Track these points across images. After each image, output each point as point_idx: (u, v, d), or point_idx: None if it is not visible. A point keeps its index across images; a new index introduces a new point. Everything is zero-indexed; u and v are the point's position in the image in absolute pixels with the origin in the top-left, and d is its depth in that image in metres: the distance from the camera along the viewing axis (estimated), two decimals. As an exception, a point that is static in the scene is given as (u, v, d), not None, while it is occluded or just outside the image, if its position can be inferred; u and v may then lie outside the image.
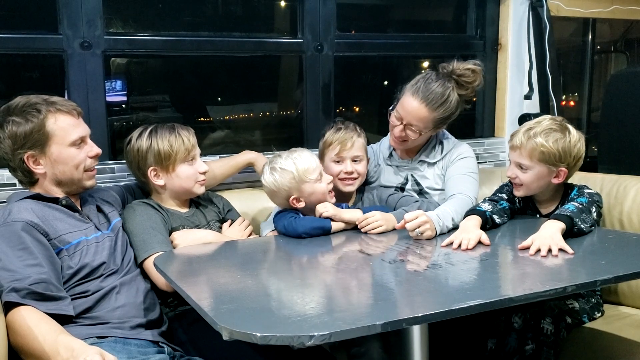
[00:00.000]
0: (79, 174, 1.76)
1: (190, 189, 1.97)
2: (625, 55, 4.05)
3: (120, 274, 1.74)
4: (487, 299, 1.25)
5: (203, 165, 1.98)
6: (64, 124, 1.71)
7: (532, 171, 1.96)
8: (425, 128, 2.08)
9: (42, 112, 1.69)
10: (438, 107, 2.04)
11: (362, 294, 1.42)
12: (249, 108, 2.91)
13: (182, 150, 1.91)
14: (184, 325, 1.80)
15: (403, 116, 2.07)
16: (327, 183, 1.99)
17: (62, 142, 1.71)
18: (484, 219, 1.88)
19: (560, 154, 1.92)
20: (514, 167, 2.00)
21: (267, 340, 1.10)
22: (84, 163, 1.76)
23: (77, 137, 1.74)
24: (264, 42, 2.54)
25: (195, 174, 1.96)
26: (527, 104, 2.86)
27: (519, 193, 2.03)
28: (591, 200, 1.90)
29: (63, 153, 1.72)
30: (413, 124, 2.06)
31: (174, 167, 1.92)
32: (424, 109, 2.03)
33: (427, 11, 3.12)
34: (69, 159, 1.73)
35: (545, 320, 1.85)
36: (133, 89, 2.61)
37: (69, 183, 1.77)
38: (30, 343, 1.41)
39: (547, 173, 1.96)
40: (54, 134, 1.70)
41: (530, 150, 1.93)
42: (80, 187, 1.80)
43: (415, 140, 2.12)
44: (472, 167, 2.16)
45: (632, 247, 1.71)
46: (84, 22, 2.15)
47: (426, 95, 2.03)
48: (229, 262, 1.77)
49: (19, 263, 1.53)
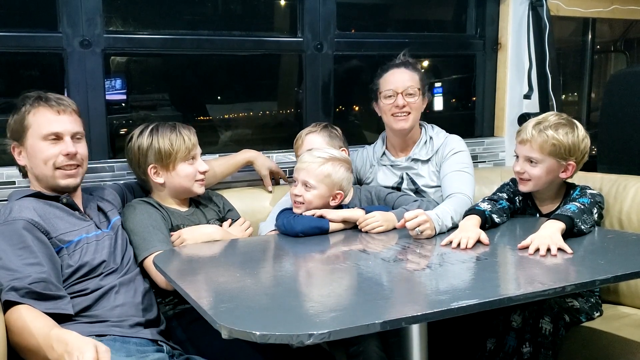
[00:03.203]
0: (49, 170, 1.73)
1: (189, 188, 1.96)
2: (625, 55, 4.05)
3: (120, 273, 1.74)
4: (486, 298, 1.25)
5: (203, 165, 1.97)
6: (41, 117, 1.72)
7: (541, 165, 1.95)
8: (418, 88, 2.18)
9: (26, 105, 1.72)
10: (414, 69, 2.22)
11: (361, 292, 1.42)
12: (249, 107, 2.91)
13: (182, 149, 1.91)
14: (183, 324, 1.80)
15: (396, 88, 2.16)
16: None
17: (35, 135, 1.72)
18: (483, 218, 1.88)
19: (570, 147, 1.93)
20: (522, 162, 1.99)
21: (266, 339, 1.10)
22: (53, 159, 1.72)
23: (50, 132, 1.72)
24: (264, 41, 2.54)
25: (195, 173, 1.95)
26: (526, 104, 2.86)
27: (526, 188, 2.01)
28: (593, 201, 1.90)
29: (34, 146, 1.72)
30: (409, 87, 2.15)
31: (174, 166, 1.92)
32: (409, 72, 2.20)
33: (427, 10, 3.12)
34: (38, 153, 1.72)
35: (544, 320, 1.85)
36: (133, 88, 2.60)
37: (43, 179, 1.75)
38: (26, 340, 1.41)
39: (557, 167, 1.96)
40: (30, 126, 1.72)
41: (542, 143, 1.93)
42: (56, 186, 1.75)
43: (417, 105, 2.18)
44: (466, 161, 2.18)
45: (631, 246, 1.71)
46: (83, 21, 2.14)
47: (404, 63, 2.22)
48: (229, 261, 1.77)
49: (19, 262, 1.53)
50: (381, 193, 2.16)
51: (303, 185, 2.00)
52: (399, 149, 2.28)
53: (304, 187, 1.99)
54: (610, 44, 4.07)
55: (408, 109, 2.16)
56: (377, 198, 2.14)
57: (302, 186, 2.00)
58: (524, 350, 1.84)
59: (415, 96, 2.17)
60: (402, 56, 2.25)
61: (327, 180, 1.98)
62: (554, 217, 1.77)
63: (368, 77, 2.35)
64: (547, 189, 2.03)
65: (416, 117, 2.21)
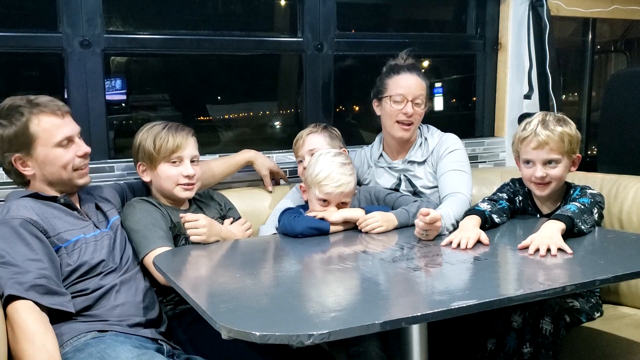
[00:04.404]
0: (68, 173, 1.73)
1: (170, 191, 1.92)
2: (625, 55, 4.05)
3: (120, 272, 1.74)
4: (486, 298, 1.25)
5: (188, 169, 1.91)
6: (47, 125, 1.69)
7: (561, 164, 1.95)
8: (425, 99, 2.18)
9: (24, 115, 1.68)
10: (423, 77, 2.19)
11: (362, 293, 1.42)
12: (249, 107, 2.91)
13: (164, 149, 1.88)
14: (183, 325, 1.80)
15: (407, 94, 2.13)
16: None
17: (47, 144, 1.70)
18: (483, 218, 1.88)
19: (578, 138, 1.97)
20: (542, 166, 1.96)
21: (266, 340, 1.09)
22: (72, 163, 1.73)
23: (63, 138, 1.71)
24: (264, 41, 2.54)
25: (178, 177, 1.90)
26: (526, 104, 2.86)
27: (547, 191, 1.99)
28: (593, 201, 1.90)
29: (49, 154, 1.70)
30: (418, 95, 2.14)
31: (156, 165, 1.91)
32: (419, 80, 2.17)
33: (427, 10, 3.12)
34: (55, 160, 1.71)
35: (545, 320, 1.85)
36: (133, 88, 2.61)
37: (59, 183, 1.75)
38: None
39: (569, 163, 1.98)
40: (38, 136, 1.68)
41: (559, 142, 1.92)
42: (73, 186, 1.78)
43: (421, 115, 2.18)
44: (462, 159, 2.17)
45: (631, 247, 1.71)
46: (83, 21, 2.14)
47: (414, 67, 2.19)
48: (228, 261, 1.77)
49: (20, 258, 1.53)
50: (380, 194, 2.15)
51: (336, 206, 1.98)
52: (395, 151, 2.28)
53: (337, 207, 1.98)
54: (610, 44, 4.07)
55: (413, 119, 2.15)
56: (376, 199, 2.14)
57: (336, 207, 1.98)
58: (525, 350, 1.84)
59: (422, 105, 2.16)
60: (404, 54, 2.22)
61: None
62: (554, 217, 1.77)
63: (368, 78, 2.35)
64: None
65: (417, 127, 2.21)
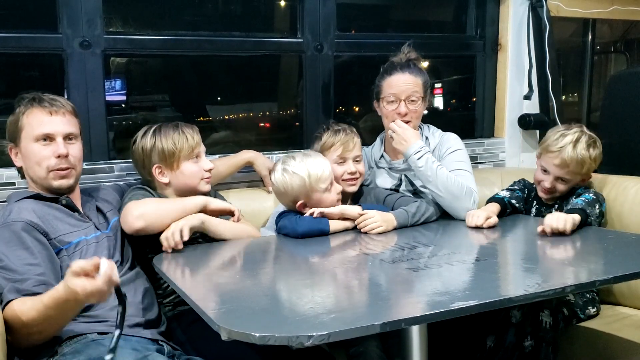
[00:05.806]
0: (42, 172, 1.72)
1: (195, 186, 1.95)
2: (625, 56, 4.05)
3: (120, 273, 1.73)
4: (486, 299, 1.25)
5: (208, 163, 1.97)
6: (33, 119, 1.71)
7: (572, 182, 2.06)
8: (421, 95, 2.16)
9: (22, 106, 1.72)
10: (418, 73, 2.18)
11: (361, 294, 1.43)
12: (249, 108, 2.91)
13: (185, 147, 1.91)
14: (182, 326, 1.80)
15: (399, 94, 2.13)
16: (336, 193, 2.00)
17: (28, 137, 1.71)
18: (502, 204, 2.05)
19: (600, 161, 2.07)
20: (553, 180, 2.06)
21: (265, 341, 1.10)
22: (46, 161, 1.71)
23: (41, 133, 1.70)
24: (264, 41, 2.54)
25: (200, 172, 1.95)
26: (526, 104, 2.86)
27: (548, 197, 2.12)
28: (595, 198, 1.98)
29: (28, 148, 1.72)
30: (411, 93, 2.13)
31: (178, 165, 1.92)
32: (412, 77, 2.15)
33: (427, 11, 3.12)
34: (31, 155, 1.72)
35: (544, 313, 1.85)
36: (133, 89, 2.60)
37: (38, 181, 1.74)
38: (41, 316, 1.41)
39: (580, 180, 2.08)
40: (23, 128, 1.71)
41: (579, 166, 2.02)
42: (49, 187, 1.74)
43: (418, 112, 2.17)
44: (464, 159, 2.17)
45: (631, 247, 1.71)
46: (83, 22, 2.14)
47: (407, 65, 2.18)
48: (228, 262, 1.77)
49: (19, 262, 1.53)
50: (380, 195, 2.16)
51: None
52: (397, 151, 2.27)
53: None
54: (610, 45, 4.07)
55: (409, 117, 2.14)
56: (376, 200, 2.15)
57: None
58: (526, 344, 1.84)
59: (417, 102, 2.15)
60: (406, 47, 2.23)
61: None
62: (566, 212, 1.84)
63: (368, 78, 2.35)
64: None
65: (415, 125, 2.19)
